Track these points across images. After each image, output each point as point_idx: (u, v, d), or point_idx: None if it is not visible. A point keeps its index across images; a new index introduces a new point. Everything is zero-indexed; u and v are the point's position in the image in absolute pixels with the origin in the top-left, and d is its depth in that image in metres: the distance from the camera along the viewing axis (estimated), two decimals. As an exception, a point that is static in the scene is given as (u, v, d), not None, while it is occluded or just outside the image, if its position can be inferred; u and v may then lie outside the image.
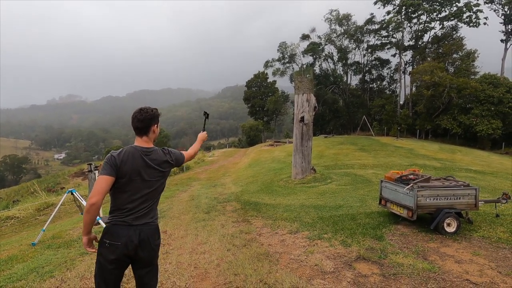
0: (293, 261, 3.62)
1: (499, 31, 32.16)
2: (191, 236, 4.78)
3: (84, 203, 5.25)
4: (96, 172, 6.10)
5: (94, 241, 1.97)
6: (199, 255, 3.93)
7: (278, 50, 45.23)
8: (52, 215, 5.48)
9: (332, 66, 45.76)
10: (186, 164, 20.88)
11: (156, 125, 2.08)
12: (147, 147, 2.04)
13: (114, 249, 1.87)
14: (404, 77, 38.96)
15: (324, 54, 44.61)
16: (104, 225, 2.00)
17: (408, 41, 37.13)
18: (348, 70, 44.79)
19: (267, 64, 46.68)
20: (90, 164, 6.28)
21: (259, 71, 50.32)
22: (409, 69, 37.81)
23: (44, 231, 5.13)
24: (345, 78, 45.18)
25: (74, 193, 5.44)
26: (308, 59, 45.14)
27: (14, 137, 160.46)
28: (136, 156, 1.95)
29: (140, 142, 2.04)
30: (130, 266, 2.03)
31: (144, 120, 2.01)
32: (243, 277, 3.20)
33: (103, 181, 1.83)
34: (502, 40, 32.38)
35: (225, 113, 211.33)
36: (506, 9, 31.07)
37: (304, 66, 43.63)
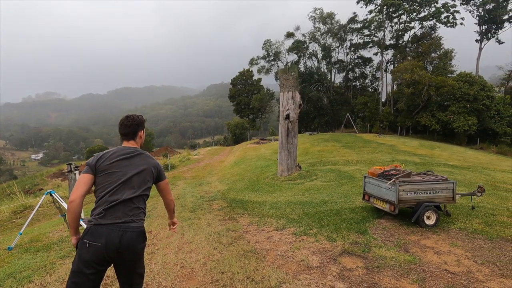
0: (280, 257, 3.65)
1: (474, 31, 33.58)
2: (177, 235, 4.72)
3: (64, 204, 5.06)
4: (77, 172, 5.88)
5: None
6: (185, 254, 3.89)
7: (263, 47, 45.25)
8: (29, 218, 5.25)
9: (316, 64, 46.30)
10: (171, 163, 20.58)
11: (142, 131, 2.17)
12: (134, 146, 2.10)
13: (94, 250, 1.78)
14: (386, 75, 39.97)
15: (308, 52, 45.04)
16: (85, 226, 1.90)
17: (389, 40, 38.08)
18: (332, 68, 45.44)
19: (252, 62, 46.59)
20: (70, 164, 6.03)
21: (244, 69, 50.23)
22: (391, 67, 38.79)
23: (21, 234, 4.92)
24: (329, 76, 45.84)
25: (53, 194, 5.23)
26: (293, 57, 45.46)
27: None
28: (118, 154, 1.98)
29: (126, 145, 2.11)
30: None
31: (131, 126, 2.10)
32: (230, 275, 3.20)
33: (81, 179, 1.88)
34: (477, 40, 33.82)
35: (210, 110, 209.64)
36: (480, 11, 32.44)
37: (289, 64, 43.85)
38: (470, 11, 33.20)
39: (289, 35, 44.31)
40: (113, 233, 1.81)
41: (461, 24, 33.07)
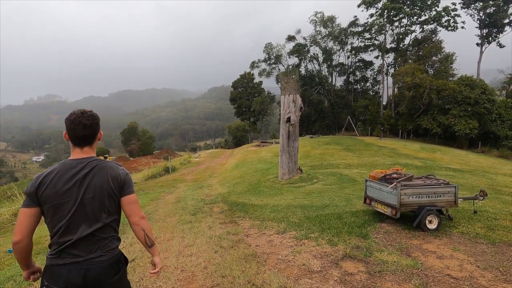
0: (281, 261, 3.63)
1: (475, 35, 33.64)
2: (178, 238, 4.71)
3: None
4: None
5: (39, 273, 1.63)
6: (186, 257, 3.87)
7: (264, 51, 45.40)
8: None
9: (317, 67, 46.41)
10: (172, 165, 20.57)
11: (101, 132, 1.70)
12: (88, 157, 1.60)
13: None
14: (387, 78, 40.03)
15: (309, 55, 45.17)
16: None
17: (390, 43, 38.19)
18: (333, 71, 45.54)
19: (253, 65, 46.76)
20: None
21: (245, 72, 50.38)
22: (391, 70, 38.86)
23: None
24: (330, 79, 45.92)
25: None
26: (294, 60, 45.59)
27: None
28: (65, 176, 1.51)
29: (79, 154, 1.59)
30: None
31: (92, 126, 1.60)
32: (230, 279, 3.18)
33: (21, 216, 1.47)
34: (477, 44, 33.86)
35: (211, 113, 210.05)
36: (481, 14, 32.52)
37: (290, 67, 43.99)
38: (471, 15, 33.29)
39: (290, 38, 44.48)
40: (72, 273, 1.46)
41: (462, 27, 33.20)
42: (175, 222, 5.83)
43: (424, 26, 34.91)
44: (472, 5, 32.55)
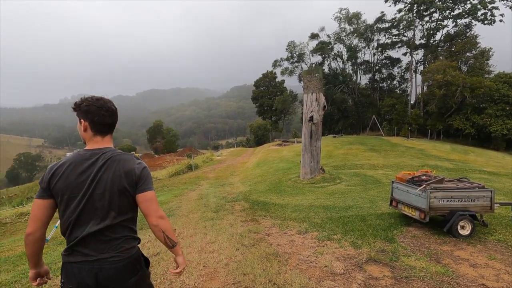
0: (302, 261, 3.58)
1: (515, 28, 31.28)
2: (200, 235, 4.79)
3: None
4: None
5: (46, 277, 1.57)
6: (208, 254, 3.93)
7: (286, 49, 45.07)
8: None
9: (341, 65, 45.39)
10: (195, 163, 21.00)
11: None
12: (104, 147, 1.48)
13: None
14: (415, 76, 38.29)
15: (333, 53, 44.24)
16: None
17: (420, 39, 36.45)
18: (358, 69, 44.29)
19: (275, 64, 46.58)
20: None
21: (267, 71, 50.31)
22: (421, 68, 37.12)
23: (56, 227, 5.23)
24: (354, 78, 44.73)
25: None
26: (317, 58, 44.87)
27: (28, 135, 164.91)
28: (78, 168, 1.40)
29: (98, 143, 1.48)
30: None
31: (114, 113, 1.53)
32: (252, 277, 3.18)
33: (34, 208, 1.40)
34: (518, 38, 31.47)
35: (233, 112, 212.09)
36: (522, 6, 30.14)
37: (313, 65, 43.36)
38: (510, 7, 30.96)
39: (313, 36, 43.81)
40: (83, 273, 1.38)
41: (501, 21, 30.90)
42: (197, 218, 5.95)
43: (458, 20, 32.92)
44: (512, -3, 30.26)
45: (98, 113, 1.46)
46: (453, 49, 32.15)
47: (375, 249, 3.81)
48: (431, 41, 35.68)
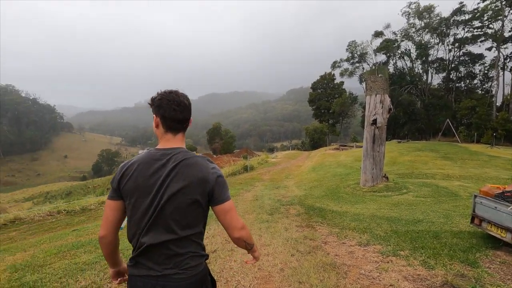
0: (364, 276, 3.30)
1: None
2: (255, 236, 4.81)
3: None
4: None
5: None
6: (263, 256, 3.91)
7: (347, 49, 43.22)
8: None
9: (408, 64, 41.60)
10: (250, 164, 21.44)
11: (191, 118, 1.42)
12: (176, 147, 1.34)
13: None
14: (503, 74, 32.88)
15: (399, 52, 40.78)
16: None
17: (510, 31, 31.20)
18: (429, 68, 39.94)
19: (334, 65, 45.04)
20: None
21: (325, 72, 48.93)
22: (510, 64, 31.72)
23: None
24: (424, 77, 40.47)
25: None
26: (381, 57, 42.00)
27: (109, 134, 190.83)
28: (147, 169, 1.28)
29: (169, 142, 1.35)
30: None
31: (186, 108, 1.35)
32: (308, 286, 3.05)
33: (106, 208, 1.33)
34: None
35: (289, 115, 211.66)
36: None
37: (376, 65, 40.63)
38: None
39: (377, 34, 41.10)
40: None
41: None
42: (252, 219, 6.01)
43: None
44: None
45: (168, 108, 1.31)
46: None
47: (452, 273, 3.30)
48: (526, 32, 30.27)
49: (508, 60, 32.59)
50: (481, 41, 34.21)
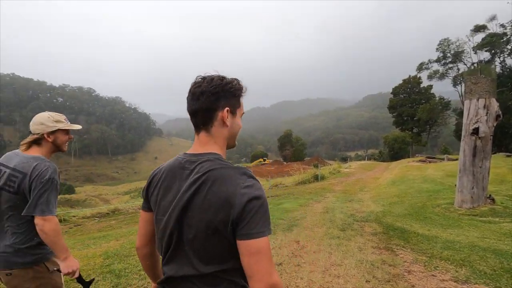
0: (464, 324, 2.64)
1: None
2: (324, 253, 4.45)
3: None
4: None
5: None
6: (332, 278, 3.55)
7: (437, 49, 38.10)
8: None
9: (522, 61, 34.05)
10: (321, 173, 20.63)
11: (227, 109, 0.99)
12: (202, 153, 1.00)
13: None
14: None
15: (509, 47, 33.84)
16: None
17: None
18: (554, 65, 31.99)
19: (421, 67, 40.20)
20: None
21: (409, 76, 44.24)
22: None
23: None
24: (546, 76, 32.51)
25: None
26: (483, 55, 35.57)
27: (191, 139, 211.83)
28: (171, 178, 1.01)
29: (195, 145, 1.04)
30: None
31: (204, 94, 0.96)
32: (387, 324, 2.59)
33: (140, 219, 1.16)
34: None
35: (365, 122, 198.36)
36: None
37: (475, 64, 34.64)
38: None
39: (478, 28, 35.08)
40: None
41: None
42: (322, 234, 5.62)
43: None
44: None
45: (187, 99, 1.01)
46: None
47: None
48: None
49: None
50: None
